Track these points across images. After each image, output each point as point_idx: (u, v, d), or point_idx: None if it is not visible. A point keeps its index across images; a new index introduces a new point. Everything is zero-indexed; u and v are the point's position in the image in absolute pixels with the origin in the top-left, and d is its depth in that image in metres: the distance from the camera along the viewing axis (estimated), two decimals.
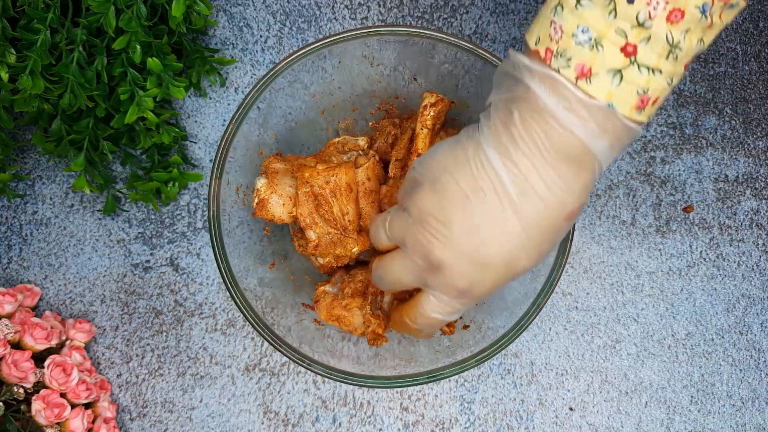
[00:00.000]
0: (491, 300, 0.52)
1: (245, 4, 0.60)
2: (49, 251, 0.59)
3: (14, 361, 0.51)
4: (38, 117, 0.54)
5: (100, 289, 0.59)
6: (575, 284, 0.59)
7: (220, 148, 0.48)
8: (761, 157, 0.60)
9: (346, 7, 0.60)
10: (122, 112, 0.52)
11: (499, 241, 0.37)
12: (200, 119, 0.59)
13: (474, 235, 0.37)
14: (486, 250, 0.37)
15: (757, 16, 0.60)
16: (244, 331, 0.59)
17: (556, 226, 0.37)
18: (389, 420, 0.58)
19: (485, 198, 0.36)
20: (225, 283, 0.47)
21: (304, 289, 0.54)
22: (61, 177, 0.59)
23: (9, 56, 0.48)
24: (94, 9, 0.48)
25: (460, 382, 0.59)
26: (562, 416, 0.59)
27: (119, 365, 0.58)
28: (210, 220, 0.48)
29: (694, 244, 0.60)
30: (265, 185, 0.49)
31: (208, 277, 0.59)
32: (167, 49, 0.52)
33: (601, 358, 0.59)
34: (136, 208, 0.59)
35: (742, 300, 0.60)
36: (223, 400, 0.58)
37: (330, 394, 0.58)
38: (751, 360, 0.59)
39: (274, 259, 0.53)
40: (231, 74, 0.60)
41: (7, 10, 0.48)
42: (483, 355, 0.47)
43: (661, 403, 0.59)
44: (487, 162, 0.36)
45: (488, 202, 0.36)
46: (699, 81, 0.60)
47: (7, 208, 0.59)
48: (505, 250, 0.37)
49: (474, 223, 0.37)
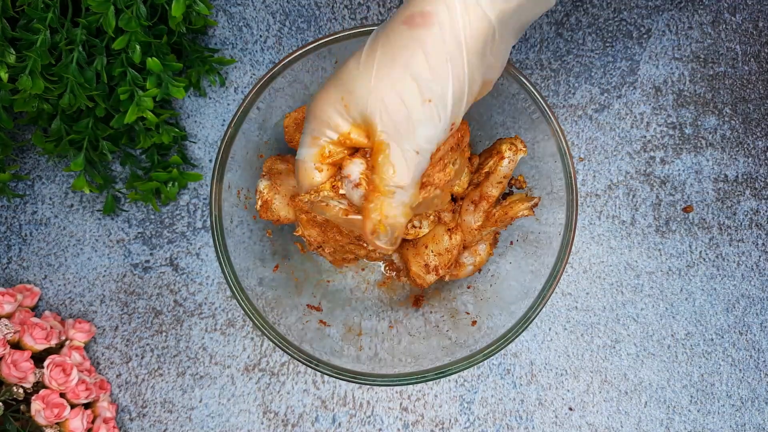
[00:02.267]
0: (491, 300, 0.52)
1: (245, 4, 0.60)
2: (49, 251, 0.59)
3: (14, 361, 0.51)
4: (38, 117, 0.54)
5: (99, 289, 0.59)
6: (575, 284, 0.59)
7: (220, 148, 0.47)
8: (761, 157, 0.60)
9: (346, 6, 0.60)
10: (122, 112, 0.52)
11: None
12: (200, 119, 0.59)
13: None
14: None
15: (757, 16, 0.60)
16: (243, 331, 0.59)
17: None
18: (389, 420, 0.58)
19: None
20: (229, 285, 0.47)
21: (305, 289, 0.54)
22: (60, 177, 0.59)
23: (9, 56, 0.48)
24: (94, 9, 0.48)
25: (460, 382, 0.59)
26: (562, 416, 0.59)
27: (119, 365, 0.58)
28: (212, 223, 0.48)
29: (693, 244, 0.60)
30: (267, 186, 0.49)
31: (208, 277, 0.59)
32: (167, 49, 0.52)
33: (601, 358, 0.59)
34: (135, 208, 0.59)
35: (741, 300, 0.60)
36: (222, 400, 0.58)
37: (330, 394, 0.58)
38: (750, 360, 0.59)
39: (275, 260, 0.53)
40: (231, 74, 0.60)
41: (7, 10, 0.48)
42: (483, 354, 0.47)
43: (660, 403, 0.59)
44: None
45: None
46: (699, 81, 0.60)
47: (7, 208, 0.59)
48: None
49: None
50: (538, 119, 0.48)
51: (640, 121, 0.60)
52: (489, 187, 0.49)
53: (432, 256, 0.50)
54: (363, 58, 0.37)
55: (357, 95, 0.37)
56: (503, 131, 0.52)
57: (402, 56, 0.36)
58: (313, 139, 0.40)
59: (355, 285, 0.57)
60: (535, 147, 0.49)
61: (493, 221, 0.49)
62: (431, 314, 0.55)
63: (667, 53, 0.60)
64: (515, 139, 0.48)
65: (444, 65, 0.36)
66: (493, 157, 0.48)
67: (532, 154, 0.50)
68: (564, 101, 0.60)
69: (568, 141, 0.59)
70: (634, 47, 0.60)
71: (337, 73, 0.39)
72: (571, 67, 0.60)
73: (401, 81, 0.36)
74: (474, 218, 0.50)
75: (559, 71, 0.59)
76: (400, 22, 0.37)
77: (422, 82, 0.36)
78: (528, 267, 0.51)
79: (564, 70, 0.60)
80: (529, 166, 0.51)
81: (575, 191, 0.47)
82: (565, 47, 0.60)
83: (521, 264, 0.52)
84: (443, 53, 0.36)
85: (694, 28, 0.60)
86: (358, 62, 0.38)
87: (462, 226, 0.50)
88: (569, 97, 0.60)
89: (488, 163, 0.48)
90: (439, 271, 0.50)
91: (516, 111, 0.50)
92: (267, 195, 0.49)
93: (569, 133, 0.60)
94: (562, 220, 0.48)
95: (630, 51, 0.60)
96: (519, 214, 0.48)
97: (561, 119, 0.60)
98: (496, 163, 0.48)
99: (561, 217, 0.48)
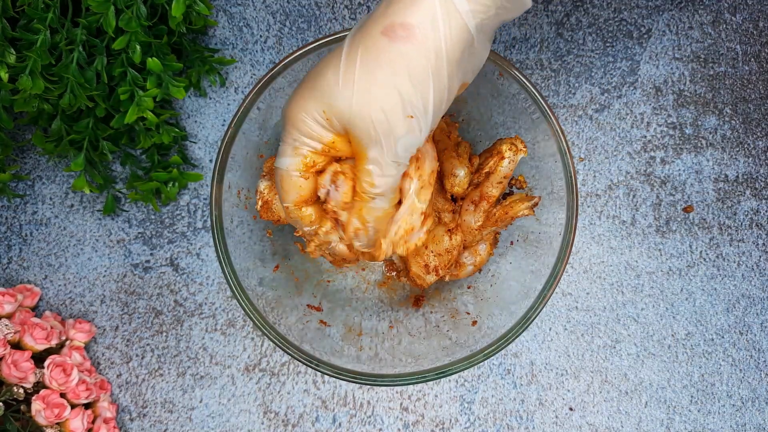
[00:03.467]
0: (492, 300, 0.52)
1: (245, 4, 0.60)
2: (49, 251, 0.59)
3: (14, 361, 0.51)
4: (38, 117, 0.54)
5: (100, 289, 0.59)
6: (575, 284, 0.59)
7: (220, 149, 0.47)
8: (761, 157, 0.60)
9: (346, 7, 0.60)
10: (122, 112, 0.52)
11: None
12: (200, 119, 0.59)
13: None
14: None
15: (757, 16, 0.60)
16: (243, 331, 0.59)
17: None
18: (389, 420, 0.58)
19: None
20: (229, 285, 0.47)
21: (306, 289, 0.54)
22: (60, 177, 0.59)
23: (9, 56, 0.48)
24: (94, 9, 0.48)
25: (460, 382, 0.59)
26: (562, 416, 0.59)
27: (119, 365, 0.58)
28: (212, 223, 0.48)
29: (694, 244, 0.60)
30: (268, 187, 0.49)
31: (208, 277, 0.59)
32: (167, 49, 0.52)
33: (601, 358, 0.59)
34: (135, 208, 0.59)
35: (742, 300, 0.60)
36: (223, 400, 0.58)
37: (330, 394, 0.58)
38: (751, 360, 0.59)
39: (275, 260, 0.53)
40: (231, 74, 0.60)
41: (7, 10, 0.48)
42: (483, 354, 0.47)
43: (661, 403, 0.59)
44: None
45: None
46: (699, 81, 0.60)
47: (7, 208, 0.59)
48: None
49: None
50: (539, 119, 0.48)
51: (640, 121, 0.60)
52: (489, 187, 0.49)
53: (432, 256, 0.50)
54: (342, 68, 0.37)
55: (339, 109, 0.37)
56: (503, 131, 0.52)
57: (383, 71, 0.36)
58: (294, 149, 0.40)
59: (355, 285, 0.57)
60: (536, 147, 0.49)
61: (493, 221, 0.49)
62: (431, 314, 0.55)
63: (667, 53, 0.60)
64: (515, 139, 0.48)
65: (426, 79, 0.36)
66: (493, 157, 0.48)
67: (533, 154, 0.50)
68: (564, 101, 0.60)
69: (569, 141, 0.59)
70: (635, 47, 0.60)
71: (314, 80, 0.38)
72: (572, 67, 0.60)
73: (384, 97, 0.36)
74: (474, 218, 0.50)
75: (559, 71, 0.59)
76: (379, 31, 0.36)
77: (405, 96, 0.36)
78: (528, 267, 0.51)
79: (564, 70, 0.60)
80: (530, 166, 0.51)
81: (575, 191, 0.47)
82: (566, 47, 0.60)
83: (521, 264, 0.52)
84: (426, 67, 0.36)
85: (694, 28, 0.60)
86: (337, 73, 0.37)
87: (462, 227, 0.50)
88: (569, 97, 0.60)
89: (488, 163, 0.48)
90: (439, 272, 0.50)
91: (516, 111, 0.50)
92: (267, 195, 0.49)
93: (569, 133, 0.60)
94: (562, 220, 0.48)
95: (630, 51, 0.60)
96: (519, 214, 0.48)
97: (561, 119, 0.60)
98: (496, 164, 0.48)
99: (561, 217, 0.48)
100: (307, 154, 0.40)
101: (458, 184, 0.49)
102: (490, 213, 0.49)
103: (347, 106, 0.37)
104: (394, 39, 0.36)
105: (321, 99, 0.38)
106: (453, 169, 0.49)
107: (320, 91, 0.38)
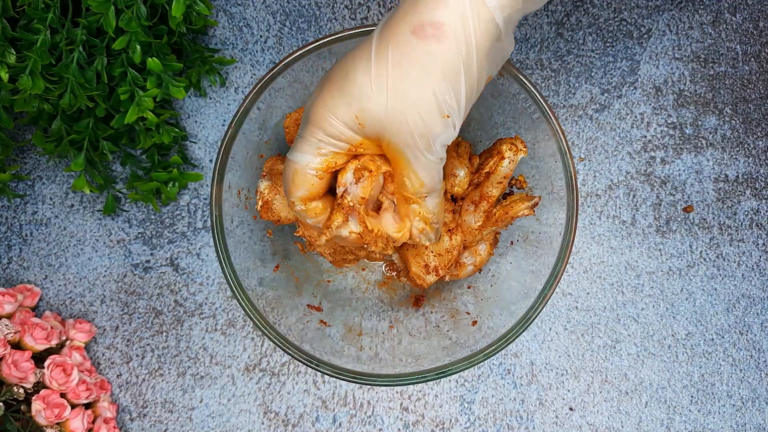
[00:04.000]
0: (492, 300, 0.52)
1: (245, 4, 0.60)
2: (49, 251, 0.59)
3: (14, 362, 0.51)
4: (38, 117, 0.54)
5: (100, 289, 0.59)
6: (575, 284, 0.59)
7: (220, 149, 0.47)
8: (761, 157, 0.60)
9: (346, 7, 0.60)
10: (122, 112, 0.52)
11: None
12: (200, 119, 0.59)
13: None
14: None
15: (757, 16, 0.60)
16: (244, 331, 0.59)
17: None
18: (389, 420, 0.58)
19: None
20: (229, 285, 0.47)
21: (306, 289, 0.54)
22: (61, 177, 0.59)
23: (9, 56, 0.48)
24: (94, 9, 0.48)
25: (460, 382, 0.59)
26: (562, 416, 0.59)
27: (119, 365, 0.58)
28: (212, 223, 0.48)
29: (694, 244, 0.60)
30: (268, 187, 0.49)
31: (208, 277, 0.59)
32: (167, 49, 0.52)
33: (601, 358, 0.59)
34: (136, 208, 0.59)
35: (742, 300, 0.60)
36: (223, 400, 0.58)
37: (330, 394, 0.58)
38: (751, 360, 0.59)
39: (275, 260, 0.53)
40: (231, 74, 0.60)
41: (7, 10, 0.48)
42: (483, 354, 0.47)
43: (661, 403, 0.59)
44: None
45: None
46: (699, 81, 0.60)
47: (7, 208, 0.59)
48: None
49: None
50: (539, 119, 0.48)
51: (640, 121, 0.60)
52: (489, 188, 0.49)
53: (432, 256, 0.50)
54: (373, 70, 0.37)
55: (372, 112, 0.37)
56: (503, 131, 0.52)
57: (417, 72, 0.36)
58: (317, 149, 0.39)
59: (355, 285, 0.57)
60: (536, 147, 0.49)
61: (493, 221, 0.49)
62: (432, 314, 0.55)
63: (667, 53, 0.60)
64: (515, 139, 0.48)
65: (458, 77, 0.36)
66: (493, 157, 0.48)
67: (533, 154, 0.50)
68: (564, 101, 0.60)
69: (569, 141, 0.59)
70: (635, 47, 0.60)
71: (342, 81, 0.38)
72: (572, 67, 0.60)
73: (420, 100, 0.36)
74: (474, 218, 0.49)
75: (559, 71, 0.59)
76: (408, 31, 0.36)
77: (439, 96, 0.36)
78: (528, 267, 0.51)
79: (564, 70, 0.60)
80: (530, 166, 0.51)
81: (576, 191, 0.47)
82: (566, 47, 0.60)
83: (522, 264, 0.52)
84: (458, 65, 0.36)
85: (694, 28, 0.60)
86: (367, 74, 0.37)
87: (462, 227, 0.50)
88: (569, 97, 0.60)
89: (488, 163, 0.48)
90: (439, 272, 0.50)
91: (516, 111, 0.50)
92: (268, 195, 0.49)
93: (569, 133, 0.60)
94: (562, 220, 0.48)
95: (630, 51, 0.60)
96: (519, 214, 0.48)
97: (561, 119, 0.60)
98: (496, 164, 0.48)
99: (561, 217, 0.48)
100: (330, 154, 0.39)
101: (458, 184, 0.49)
102: (490, 213, 0.49)
103: (382, 110, 0.37)
104: (424, 38, 0.35)
105: (352, 103, 0.37)
106: (453, 169, 0.49)
107: (350, 94, 0.37)
